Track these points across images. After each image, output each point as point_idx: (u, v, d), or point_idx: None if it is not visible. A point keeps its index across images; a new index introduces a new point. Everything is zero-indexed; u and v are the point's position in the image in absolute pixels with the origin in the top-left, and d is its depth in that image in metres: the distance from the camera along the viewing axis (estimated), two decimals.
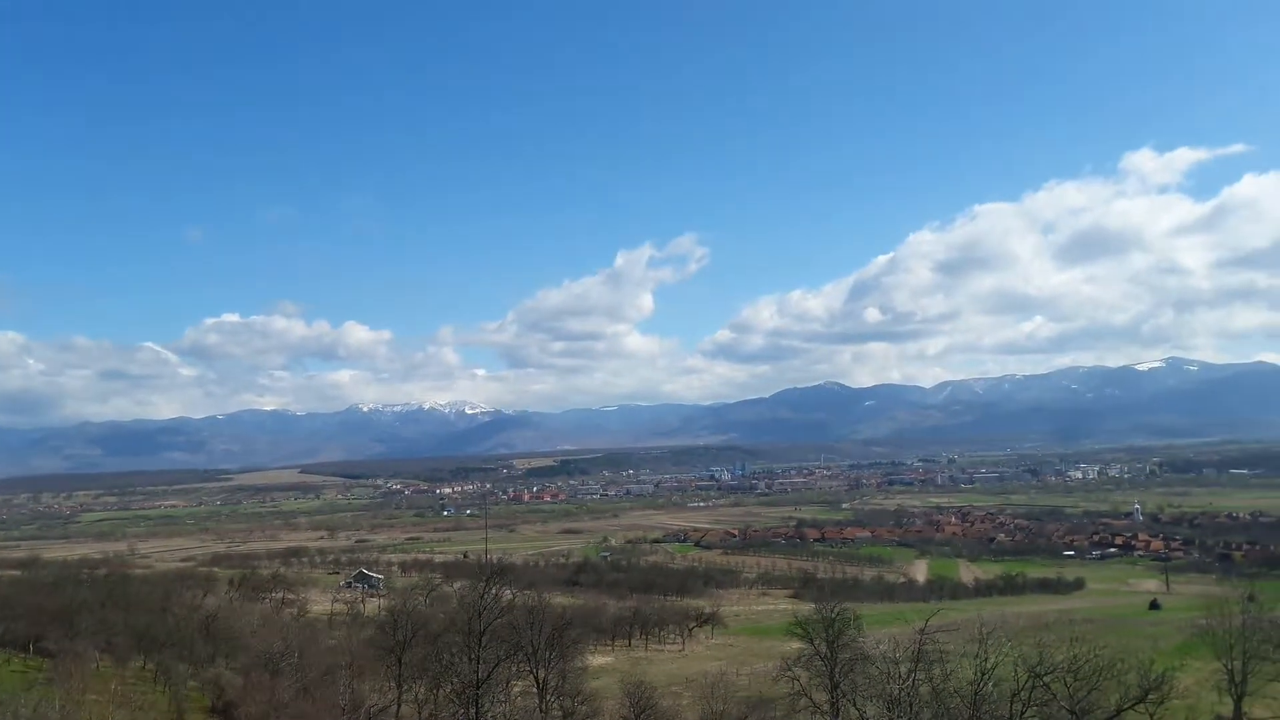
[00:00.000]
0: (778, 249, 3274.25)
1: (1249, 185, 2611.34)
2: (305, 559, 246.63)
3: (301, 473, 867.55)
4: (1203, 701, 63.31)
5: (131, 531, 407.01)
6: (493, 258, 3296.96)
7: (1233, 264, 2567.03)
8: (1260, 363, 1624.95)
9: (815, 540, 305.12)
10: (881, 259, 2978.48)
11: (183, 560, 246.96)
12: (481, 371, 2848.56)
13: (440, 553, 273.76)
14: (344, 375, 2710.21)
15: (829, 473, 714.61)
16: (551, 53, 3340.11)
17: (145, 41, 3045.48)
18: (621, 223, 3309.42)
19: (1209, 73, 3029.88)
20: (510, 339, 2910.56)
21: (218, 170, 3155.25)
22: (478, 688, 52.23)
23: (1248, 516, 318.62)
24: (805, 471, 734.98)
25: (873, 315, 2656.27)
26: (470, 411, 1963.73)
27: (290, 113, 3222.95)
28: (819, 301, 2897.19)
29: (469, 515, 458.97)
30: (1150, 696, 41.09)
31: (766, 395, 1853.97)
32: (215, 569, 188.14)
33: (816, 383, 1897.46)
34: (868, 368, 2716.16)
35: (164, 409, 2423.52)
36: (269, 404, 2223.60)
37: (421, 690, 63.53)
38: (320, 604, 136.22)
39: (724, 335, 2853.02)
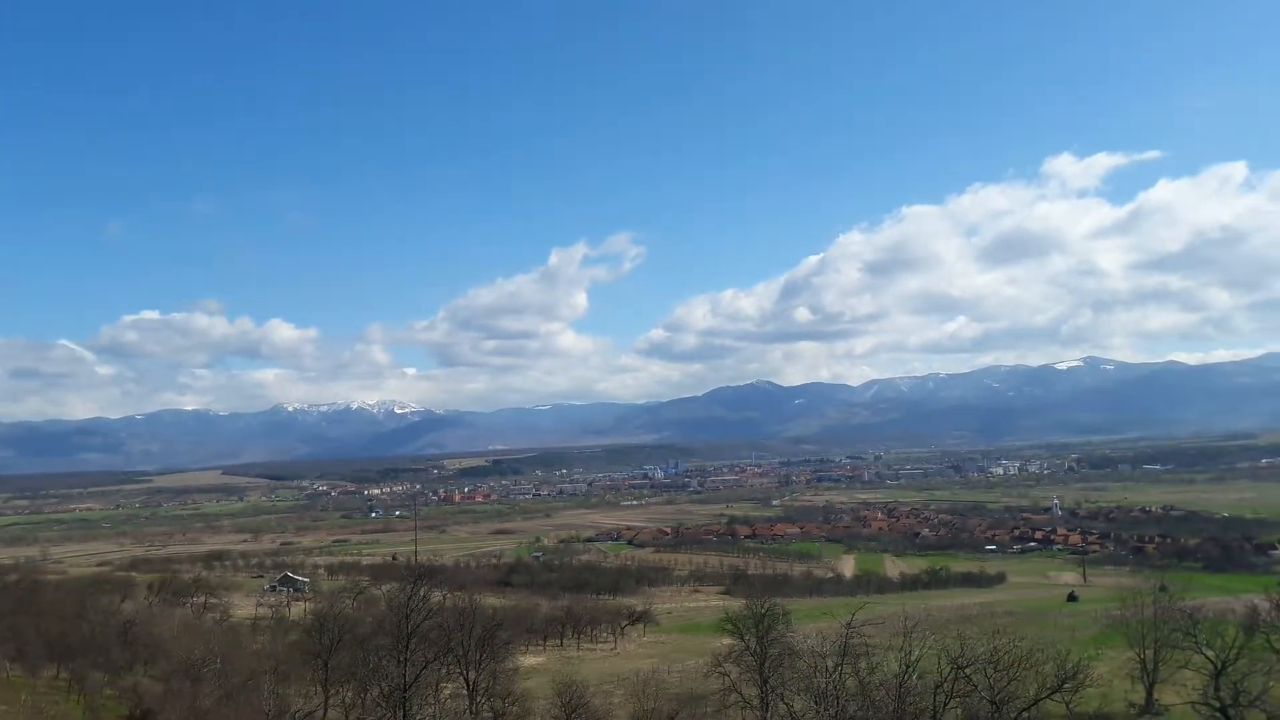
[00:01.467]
0: (711, 249, 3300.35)
1: (1164, 190, 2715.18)
2: (228, 562, 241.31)
3: (224, 474, 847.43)
4: (1116, 689, 65.28)
5: (45, 536, 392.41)
6: (424, 255, 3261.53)
7: (1148, 267, 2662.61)
8: (1172, 362, 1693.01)
9: (746, 537, 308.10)
10: (812, 259, 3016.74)
11: (99, 565, 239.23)
12: (412, 370, 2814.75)
13: (368, 555, 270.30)
14: (268, 374, 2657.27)
15: (760, 470, 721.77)
16: (485, 50, 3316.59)
17: (62, 26, 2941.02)
18: (555, 221, 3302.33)
19: (1127, 81, 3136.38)
20: (441, 337, 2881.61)
21: (139, 163, 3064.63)
22: (405, 690, 51.66)
23: (1160, 510, 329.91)
24: (737, 469, 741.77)
25: (803, 315, 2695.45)
26: (400, 411, 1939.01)
27: (214, 104, 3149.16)
28: (751, 301, 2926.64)
29: (398, 517, 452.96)
30: (1066, 685, 42.36)
31: (700, 394, 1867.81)
32: (133, 574, 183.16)
33: (748, 381, 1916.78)
34: (798, 366, 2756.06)
35: (79, 409, 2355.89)
36: (190, 404, 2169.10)
37: (349, 694, 62.61)
38: (244, 608, 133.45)
39: (658, 334, 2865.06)
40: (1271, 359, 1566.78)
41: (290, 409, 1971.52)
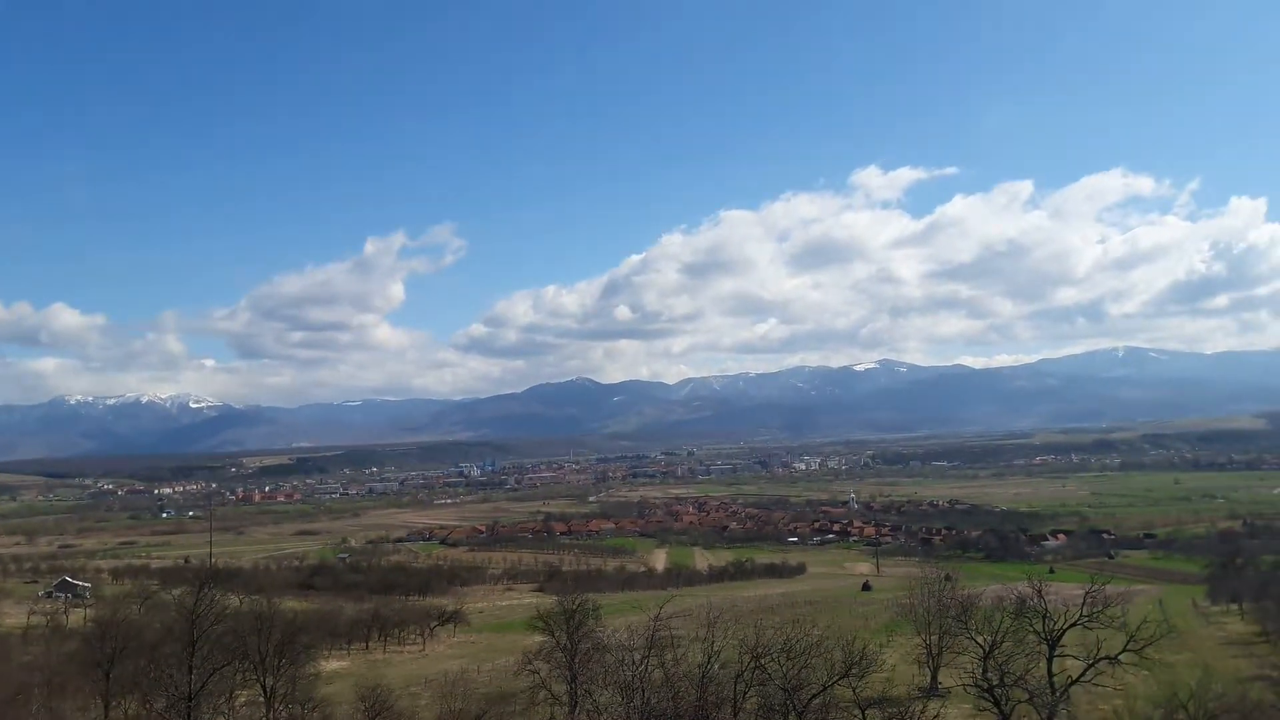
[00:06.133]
0: (535, 244, 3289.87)
1: (958, 205, 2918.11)
2: None
3: None
4: (902, 674, 69.44)
5: None
6: (225, 236, 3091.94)
7: (940, 276, 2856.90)
8: (959, 365, 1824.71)
9: (562, 534, 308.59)
10: (634, 258, 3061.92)
11: None
12: (210, 362, 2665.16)
13: (158, 558, 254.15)
14: (48, 363, 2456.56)
15: (578, 467, 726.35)
16: (307, 30, 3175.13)
17: None
18: (373, 208, 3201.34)
19: (931, 101, 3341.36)
20: (243, 327, 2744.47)
21: None
22: (190, 699, 48.93)
23: (946, 504, 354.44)
24: (555, 466, 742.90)
25: (623, 313, 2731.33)
26: (195, 405, 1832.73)
27: None
28: (573, 298, 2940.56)
29: (192, 517, 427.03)
30: (853, 671, 44.74)
31: (519, 390, 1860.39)
32: None
33: (568, 378, 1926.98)
34: (618, 364, 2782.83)
35: None
36: None
37: (132, 706, 58.92)
38: (14, 617, 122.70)
39: (478, 329, 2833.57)
40: (1046, 364, 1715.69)
41: (72, 401, 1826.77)
